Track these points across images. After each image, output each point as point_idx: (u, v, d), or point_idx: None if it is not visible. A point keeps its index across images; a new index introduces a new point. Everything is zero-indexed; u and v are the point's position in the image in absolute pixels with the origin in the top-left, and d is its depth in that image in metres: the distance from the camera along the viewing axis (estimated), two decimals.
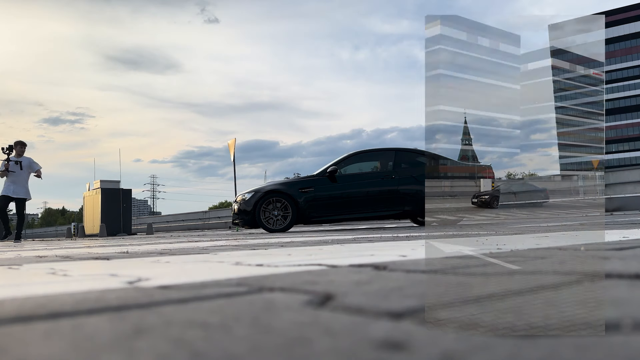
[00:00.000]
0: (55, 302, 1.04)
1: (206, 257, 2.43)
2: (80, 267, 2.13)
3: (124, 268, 1.97)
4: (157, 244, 5.13)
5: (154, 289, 1.20)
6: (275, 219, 8.00)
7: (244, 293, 1.09)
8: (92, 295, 1.12)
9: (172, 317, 0.83)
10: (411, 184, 8.27)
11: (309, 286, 1.15)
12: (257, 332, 0.71)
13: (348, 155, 8.63)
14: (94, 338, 0.70)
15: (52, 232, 42.57)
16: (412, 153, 8.65)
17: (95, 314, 0.88)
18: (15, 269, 2.15)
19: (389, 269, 1.46)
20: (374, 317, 0.79)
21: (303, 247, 3.10)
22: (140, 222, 28.43)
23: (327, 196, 8.16)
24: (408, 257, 1.86)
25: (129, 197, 15.82)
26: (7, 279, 1.75)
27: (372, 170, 8.67)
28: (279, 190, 8.09)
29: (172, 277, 1.48)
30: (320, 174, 8.36)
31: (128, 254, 3.03)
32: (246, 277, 1.39)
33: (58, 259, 2.84)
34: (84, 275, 1.74)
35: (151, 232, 17.70)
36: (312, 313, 0.84)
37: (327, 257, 2.09)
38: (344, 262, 1.74)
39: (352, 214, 8.24)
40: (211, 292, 1.11)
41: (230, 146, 12.86)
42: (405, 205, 8.22)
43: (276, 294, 1.05)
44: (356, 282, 1.19)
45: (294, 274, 1.43)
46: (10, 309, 0.96)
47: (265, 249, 2.96)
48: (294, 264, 1.77)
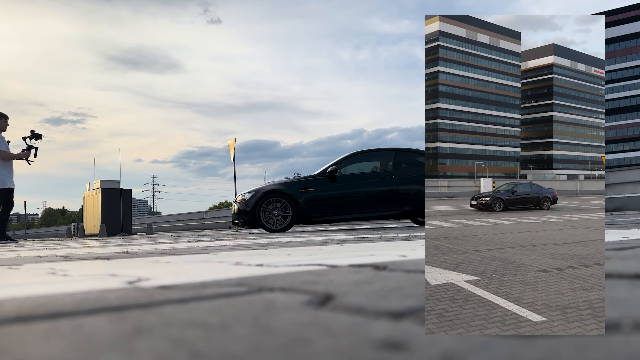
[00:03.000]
0: (55, 302, 1.04)
1: (206, 257, 2.43)
2: (80, 267, 2.13)
3: (124, 268, 1.97)
4: (157, 244, 5.13)
5: (154, 289, 1.20)
6: (275, 219, 8.00)
7: (244, 293, 1.09)
8: (92, 295, 1.12)
9: (172, 317, 0.83)
10: (411, 184, 8.26)
11: (309, 286, 1.15)
12: (257, 332, 0.71)
13: (348, 155, 8.63)
14: (94, 338, 0.70)
15: (52, 232, 42.58)
16: (412, 153, 8.64)
17: (95, 314, 0.88)
18: (15, 269, 2.15)
19: (389, 269, 1.46)
20: (374, 317, 0.79)
21: (303, 247, 3.10)
22: (140, 222, 28.43)
23: (327, 196, 8.16)
24: (408, 257, 1.86)
25: (129, 197, 15.82)
26: (7, 279, 1.75)
27: (372, 170, 8.67)
28: (279, 190, 8.09)
29: (172, 277, 1.48)
30: (320, 174, 8.36)
31: (128, 254, 3.03)
32: (246, 277, 1.39)
33: (58, 259, 2.84)
34: (84, 275, 1.74)
35: (151, 232, 17.70)
36: (312, 313, 0.84)
37: (327, 257, 2.09)
38: (344, 262, 1.74)
39: (352, 214, 8.24)
40: (211, 292, 1.11)
41: (230, 146, 12.86)
42: (405, 205, 8.22)
43: (276, 294, 1.05)
44: (356, 282, 1.19)
45: (294, 274, 1.43)
46: (10, 309, 0.96)
47: (265, 249, 2.96)
48: (294, 264, 1.77)
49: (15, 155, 8.70)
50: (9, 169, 8.66)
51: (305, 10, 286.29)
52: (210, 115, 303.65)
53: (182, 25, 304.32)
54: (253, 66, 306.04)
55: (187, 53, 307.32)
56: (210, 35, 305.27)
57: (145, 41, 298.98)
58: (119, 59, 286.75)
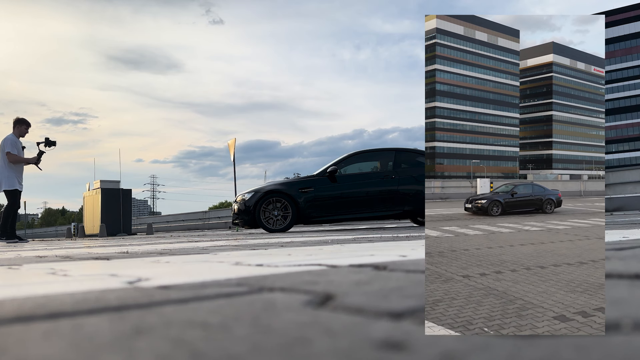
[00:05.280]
0: (55, 302, 1.04)
1: (206, 257, 2.43)
2: (80, 267, 2.13)
3: (124, 268, 1.97)
4: (157, 244, 5.14)
5: (154, 289, 1.20)
6: (275, 219, 8.00)
7: (244, 293, 1.09)
8: (92, 295, 1.12)
9: (172, 317, 0.83)
10: (411, 184, 8.27)
11: (309, 286, 1.15)
12: (257, 332, 0.71)
13: (348, 155, 8.63)
14: (94, 338, 0.70)
15: (52, 232, 42.58)
16: (412, 153, 8.65)
17: (95, 314, 0.88)
18: (15, 269, 2.15)
19: (389, 269, 1.46)
20: (374, 317, 0.79)
21: (303, 247, 3.10)
22: (140, 222, 28.43)
23: (327, 196, 8.17)
24: (408, 257, 1.86)
25: (129, 197, 15.82)
26: (7, 279, 1.75)
27: (372, 170, 8.68)
28: (279, 190, 8.10)
29: (172, 277, 1.48)
30: (320, 174, 8.36)
31: (128, 254, 3.03)
32: (246, 277, 1.39)
33: (58, 259, 2.84)
34: (84, 275, 1.74)
35: (151, 232, 17.69)
36: (312, 313, 0.84)
37: (327, 257, 2.09)
38: (344, 262, 1.74)
39: (352, 214, 8.24)
40: (211, 292, 1.11)
41: (230, 146, 12.87)
42: (405, 205, 8.22)
43: (276, 294, 1.05)
44: (356, 282, 1.19)
45: (294, 274, 1.43)
46: (10, 309, 0.96)
47: (265, 249, 2.96)
48: (294, 264, 1.77)
49: (25, 160, 8.93)
50: (18, 172, 8.86)
51: (306, 10, 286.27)
52: (210, 115, 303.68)
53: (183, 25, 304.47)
54: (254, 66, 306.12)
55: (187, 53, 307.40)
56: (211, 35, 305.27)
57: (146, 41, 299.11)
58: (119, 59, 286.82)
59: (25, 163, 8.92)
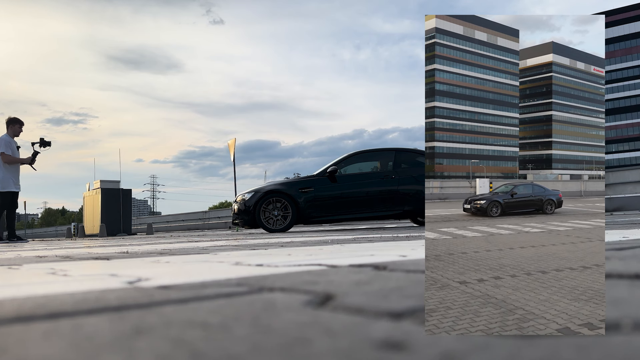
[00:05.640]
0: (55, 302, 1.04)
1: (206, 257, 2.43)
2: (80, 267, 2.13)
3: (124, 268, 1.97)
4: (157, 244, 5.13)
5: (154, 289, 1.20)
6: (275, 219, 8.00)
7: (244, 293, 1.09)
8: (92, 295, 1.12)
9: (172, 317, 0.83)
10: (411, 184, 8.27)
11: (309, 286, 1.15)
12: (257, 332, 0.71)
13: (348, 155, 8.64)
14: (94, 338, 0.70)
15: (52, 232, 42.57)
16: (412, 153, 8.65)
17: (95, 314, 0.88)
18: (15, 269, 2.15)
19: (389, 269, 1.46)
20: (374, 317, 0.79)
21: (303, 247, 3.10)
22: (140, 222, 28.43)
23: (327, 196, 8.17)
24: (408, 257, 1.86)
25: (129, 197, 15.82)
26: (7, 279, 1.75)
27: (372, 170, 8.68)
28: (279, 190, 8.10)
29: (172, 277, 1.48)
30: (320, 174, 8.36)
31: (128, 254, 3.03)
32: (246, 277, 1.39)
33: (58, 259, 2.84)
34: (84, 275, 1.74)
35: (151, 232, 17.70)
36: (312, 313, 0.84)
37: (327, 257, 2.09)
38: (344, 262, 1.74)
39: (352, 214, 8.24)
40: (211, 292, 1.11)
41: (230, 146, 12.87)
42: (405, 205, 8.22)
43: (276, 294, 1.05)
44: (356, 282, 1.19)
45: (294, 274, 1.43)
46: (10, 309, 0.96)
47: (265, 249, 2.96)
48: (294, 264, 1.77)
49: (19, 160, 8.86)
50: (13, 173, 8.77)
51: (306, 10, 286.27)
52: (210, 115, 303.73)
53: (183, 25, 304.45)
54: (254, 66, 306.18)
55: (188, 53, 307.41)
56: (211, 35, 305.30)
57: (146, 41, 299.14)
58: (119, 59, 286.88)
59: (19, 163, 8.86)
